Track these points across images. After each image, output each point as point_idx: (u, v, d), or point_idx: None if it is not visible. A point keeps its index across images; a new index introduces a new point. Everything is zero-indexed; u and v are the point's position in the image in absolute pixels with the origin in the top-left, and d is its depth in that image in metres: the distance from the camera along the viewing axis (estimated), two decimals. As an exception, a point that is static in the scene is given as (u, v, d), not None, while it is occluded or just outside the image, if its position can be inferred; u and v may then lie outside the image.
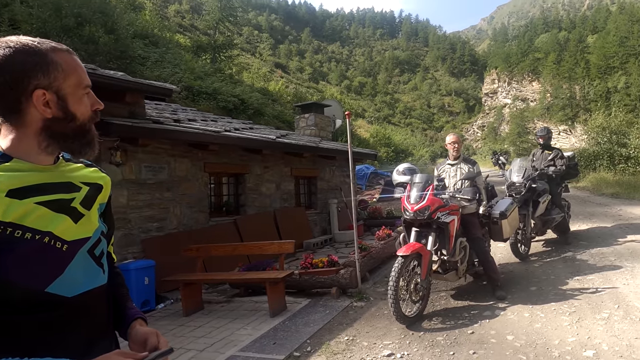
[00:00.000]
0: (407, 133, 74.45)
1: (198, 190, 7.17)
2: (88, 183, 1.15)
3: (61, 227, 1.03)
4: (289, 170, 9.57)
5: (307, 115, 12.63)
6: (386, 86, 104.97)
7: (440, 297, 5.28)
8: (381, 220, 11.06)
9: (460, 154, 5.59)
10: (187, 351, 4.03)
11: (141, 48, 19.66)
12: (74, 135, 1.06)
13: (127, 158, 5.96)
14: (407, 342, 4.01)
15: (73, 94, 1.06)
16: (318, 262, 5.71)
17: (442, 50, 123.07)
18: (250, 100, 21.51)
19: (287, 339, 4.21)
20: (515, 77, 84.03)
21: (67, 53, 1.08)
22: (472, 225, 5.19)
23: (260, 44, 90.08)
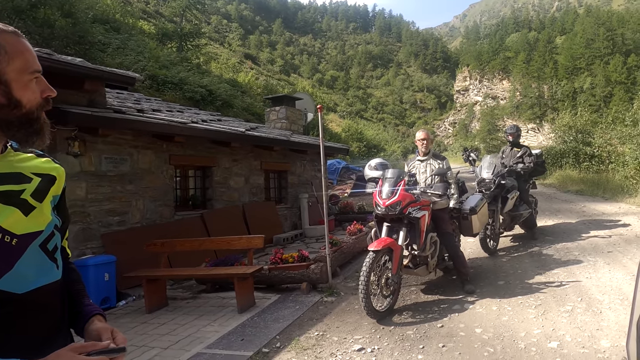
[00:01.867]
0: (379, 128, 75.17)
1: (163, 183, 7.02)
2: (40, 174, 1.10)
3: (10, 220, 0.98)
4: (258, 164, 9.50)
5: (278, 108, 12.57)
6: (359, 81, 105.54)
7: (410, 291, 5.39)
8: (352, 215, 11.16)
9: (430, 150, 5.71)
10: (150, 349, 3.96)
11: (101, 34, 19.01)
12: (19, 124, 1.01)
13: (86, 149, 5.77)
14: (377, 337, 4.08)
15: (17, 79, 1.00)
16: (288, 257, 5.72)
17: (415, 46, 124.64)
18: (219, 91, 21.19)
19: (255, 335, 4.19)
20: (487, 75, 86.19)
21: (14, 35, 1.02)
22: (442, 220, 5.31)
23: (230, 34, 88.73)
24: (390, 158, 36.84)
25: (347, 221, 9.99)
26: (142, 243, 5.67)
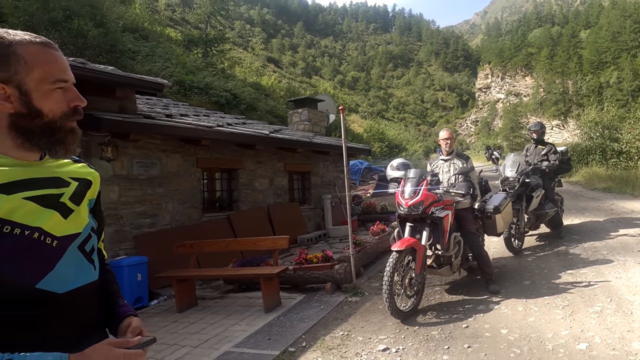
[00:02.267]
0: (400, 128, 74.60)
1: (190, 185, 7.13)
2: (77, 178, 1.13)
3: (50, 222, 1.01)
4: (282, 166, 9.55)
5: (300, 110, 12.61)
6: (379, 81, 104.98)
7: (434, 291, 5.32)
8: (375, 215, 11.10)
9: (453, 150, 5.62)
10: (181, 347, 4.03)
11: (131, 42, 19.48)
12: (41, 133, 1.02)
13: (118, 154, 5.92)
14: (402, 337, 4.04)
15: (37, 89, 1.00)
16: (312, 258, 5.72)
17: (435, 45, 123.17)
18: (243, 95, 21.42)
19: (282, 335, 4.21)
20: (509, 72, 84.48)
21: (38, 45, 1.02)
22: (466, 220, 5.22)
23: (253, 38, 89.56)
24: (412, 158, 36.54)
25: (370, 221, 9.94)
26: (171, 244, 5.78)
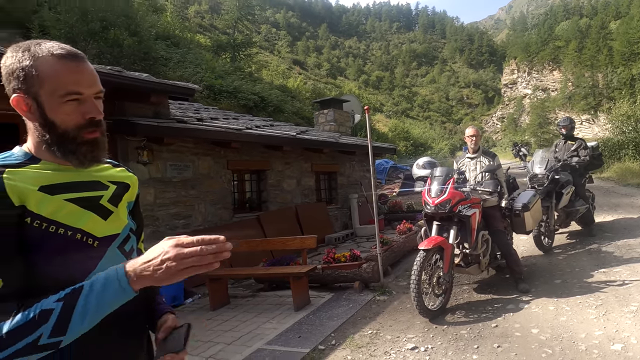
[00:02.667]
0: (425, 126, 73.62)
1: (221, 187, 7.25)
2: (115, 182, 1.17)
3: (91, 223, 1.05)
4: (309, 166, 9.58)
5: (326, 111, 12.61)
6: (404, 80, 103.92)
7: (462, 290, 5.23)
8: (401, 214, 10.99)
9: (480, 147, 5.51)
10: (215, 344, 4.10)
11: (163, 49, 19.92)
12: (56, 143, 1.04)
13: (153, 157, 6.06)
14: (430, 336, 4.00)
15: (48, 101, 1.02)
16: (340, 257, 5.72)
17: (459, 41, 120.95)
18: (270, 97, 21.59)
19: (311, 333, 4.23)
20: (536, 66, 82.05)
21: (56, 58, 1.03)
22: (493, 218, 5.11)
23: (278, 42, 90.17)
24: (437, 156, 35.98)
25: (396, 220, 9.85)
26: (204, 244, 5.86)
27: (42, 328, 0.86)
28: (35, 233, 0.96)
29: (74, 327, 0.88)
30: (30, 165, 1.03)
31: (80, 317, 0.88)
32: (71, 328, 0.88)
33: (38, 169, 1.03)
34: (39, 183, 1.00)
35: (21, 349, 0.85)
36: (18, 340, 0.85)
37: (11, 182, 0.95)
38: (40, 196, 0.98)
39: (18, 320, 0.86)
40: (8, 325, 0.86)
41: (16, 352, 0.85)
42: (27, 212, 0.96)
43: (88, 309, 0.89)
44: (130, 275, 0.92)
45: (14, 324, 0.86)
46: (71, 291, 0.90)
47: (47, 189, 1.00)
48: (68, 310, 0.88)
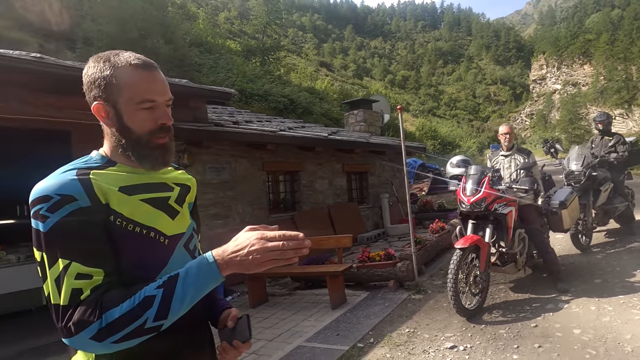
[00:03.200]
0: (453, 125, 72.23)
1: (257, 188, 7.34)
2: (179, 184, 1.21)
3: (162, 222, 1.09)
4: (340, 167, 9.58)
5: (355, 111, 12.57)
6: (430, 78, 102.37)
7: (499, 289, 5.12)
8: (432, 213, 10.84)
9: (514, 145, 5.37)
10: (257, 341, 4.15)
11: (197, 55, 20.33)
12: (131, 147, 1.09)
13: (193, 160, 6.19)
14: (468, 335, 3.93)
15: (125, 108, 1.06)
16: (375, 256, 5.69)
17: (486, 38, 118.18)
18: (299, 99, 21.70)
19: (349, 331, 4.23)
20: (565, 61, 79.23)
21: (132, 68, 1.07)
22: (530, 216, 4.97)
23: (305, 44, 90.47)
24: (465, 154, 35.24)
25: (427, 219, 9.72)
26: (242, 244, 5.94)
27: (147, 313, 0.92)
28: (117, 230, 1.00)
29: (173, 310, 0.94)
30: (109, 168, 1.08)
31: (179, 302, 0.94)
32: (172, 311, 0.94)
33: (115, 171, 1.08)
34: (118, 184, 1.04)
35: (130, 332, 0.92)
36: (128, 325, 0.91)
37: (97, 182, 1.01)
38: (121, 196, 1.03)
39: (126, 306, 0.92)
40: (119, 312, 0.92)
41: (126, 335, 0.92)
42: (111, 210, 1.01)
43: (186, 294, 0.95)
44: (220, 262, 0.97)
45: (123, 310, 0.92)
46: (168, 278, 0.96)
47: (125, 190, 1.05)
48: (168, 295, 0.94)
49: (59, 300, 0.93)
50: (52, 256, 0.95)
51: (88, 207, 0.97)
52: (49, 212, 0.95)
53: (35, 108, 4.53)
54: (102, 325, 0.91)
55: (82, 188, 0.98)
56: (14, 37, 13.38)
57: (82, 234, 0.96)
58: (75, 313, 0.92)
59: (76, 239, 0.95)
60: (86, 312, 0.91)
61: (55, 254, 0.94)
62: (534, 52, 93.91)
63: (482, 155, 41.38)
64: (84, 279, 0.94)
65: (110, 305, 0.92)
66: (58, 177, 0.99)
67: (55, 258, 0.94)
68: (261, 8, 35.40)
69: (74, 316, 0.91)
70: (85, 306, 0.92)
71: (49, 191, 0.96)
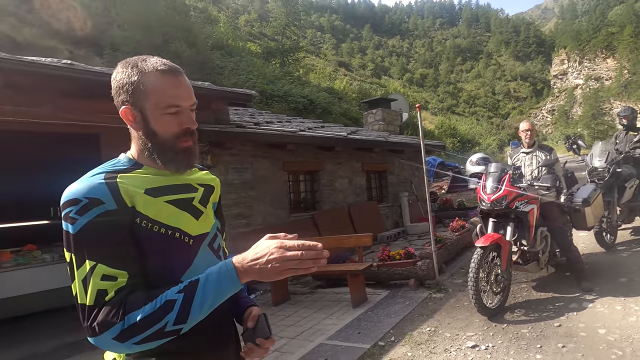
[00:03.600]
0: (472, 122, 70.95)
1: (278, 188, 7.37)
2: (202, 184, 1.23)
3: (186, 223, 1.11)
4: (360, 166, 9.54)
5: (374, 110, 12.50)
6: (448, 76, 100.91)
7: (521, 288, 5.02)
8: (452, 211, 10.70)
9: (535, 141, 5.24)
10: (280, 338, 4.18)
11: (218, 58, 20.55)
12: (157, 151, 1.10)
13: (216, 161, 6.27)
14: (490, 334, 3.86)
15: (151, 113, 1.08)
16: (395, 255, 5.65)
17: (505, 34, 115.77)
18: (318, 99, 21.70)
19: (370, 329, 4.22)
20: (587, 55, 76.91)
21: (159, 74, 1.08)
22: (552, 213, 4.85)
23: (324, 45, 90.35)
24: (485, 152, 34.62)
25: (447, 218, 9.60)
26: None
27: (167, 316, 0.93)
28: (143, 232, 1.02)
29: (193, 315, 0.95)
30: (136, 171, 1.10)
31: (199, 306, 0.95)
32: (191, 316, 0.95)
33: (142, 174, 1.10)
34: (144, 186, 1.06)
35: (151, 334, 0.93)
36: (149, 327, 0.93)
37: (124, 186, 1.03)
38: (146, 198, 1.05)
39: (147, 309, 0.94)
40: (140, 314, 0.93)
41: (146, 337, 0.93)
42: (136, 212, 1.02)
43: (205, 299, 0.96)
44: (239, 269, 0.97)
45: (145, 313, 0.93)
46: (189, 283, 0.97)
47: (151, 192, 1.07)
48: (189, 300, 0.95)
49: (85, 300, 0.95)
50: (79, 257, 0.97)
51: (114, 210, 0.99)
52: (78, 214, 0.97)
53: (67, 112, 4.66)
54: (124, 326, 0.92)
55: (109, 191, 1.00)
56: (46, 45, 13.80)
57: (108, 236, 0.98)
58: (100, 313, 0.94)
59: (102, 240, 0.97)
60: (110, 313, 0.93)
61: (83, 255, 0.97)
62: (554, 47, 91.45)
63: (502, 152, 40.50)
64: (109, 280, 0.96)
65: (133, 308, 0.94)
66: (87, 181, 1.02)
67: (83, 259, 0.97)
68: (280, 10, 35.52)
69: (98, 316, 0.93)
70: (109, 307, 0.94)
71: (78, 194, 0.99)
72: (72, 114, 4.68)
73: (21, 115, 4.38)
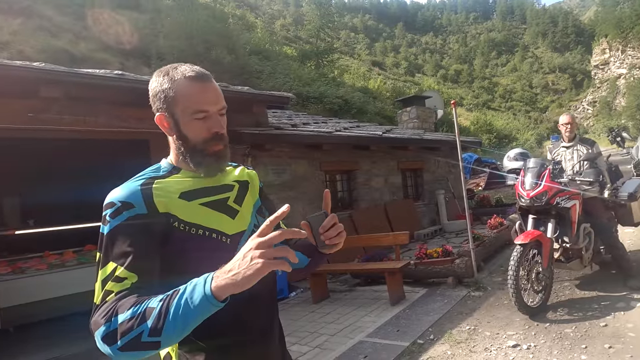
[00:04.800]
0: (508, 117, 68.20)
1: (316, 188, 7.39)
2: (238, 181, 1.24)
3: (223, 223, 1.12)
4: (395, 164, 9.41)
5: (408, 108, 12.30)
6: (483, 71, 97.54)
7: (564, 287, 4.79)
8: (490, 208, 10.37)
9: (576, 135, 4.98)
10: (320, 335, 4.20)
11: (256, 63, 20.82)
12: (189, 155, 1.12)
13: (256, 163, 6.37)
14: (532, 333, 3.72)
15: (182, 118, 1.10)
16: (432, 252, 5.54)
17: (541, 25, 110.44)
18: (353, 99, 21.57)
19: (409, 327, 4.16)
20: (631, 43, 72.02)
21: (188, 80, 1.09)
22: (596, 209, 4.59)
23: (357, 45, 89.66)
24: (523, 147, 33.26)
25: (485, 215, 9.31)
26: (304, 241, 6.04)
27: (143, 325, 0.84)
28: (180, 235, 1.04)
29: (167, 329, 0.83)
30: (174, 175, 1.13)
31: (172, 321, 0.83)
32: (165, 330, 0.83)
33: (179, 178, 1.12)
34: (180, 190, 1.09)
35: (128, 342, 0.84)
36: (126, 333, 0.84)
37: (158, 192, 1.05)
38: (182, 203, 1.07)
39: (129, 314, 0.85)
40: (121, 318, 0.86)
41: (125, 344, 0.84)
42: (173, 217, 1.04)
43: (178, 312, 0.83)
44: (215, 276, 0.86)
45: (125, 316, 0.85)
46: (172, 292, 0.87)
47: (186, 195, 1.09)
48: (164, 311, 0.84)
49: (96, 300, 0.94)
50: (105, 257, 0.98)
51: (144, 214, 1.01)
52: (111, 217, 1.00)
53: (120, 121, 4.87)
54: (109, 328, 0.86)
55: (141, 196, 1.02)
56: (99, 57, 14.51)
57: (131, 238, 0.98)
58: (96, 313, 0.91)
59: (126, 243, 0.97)
60: (102, 312, 0.89)
61: (108, 256, 0.97)
62: (595, 36, 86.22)
63: (541, 147, 38.75)
64: (118, 282, 0.93)
65: (121, 310, 0.87)
66: (125, 186, 1.05)
67: (107, 260, 0.97)
68: (314, 13, 35.53)
69: (94, 315, 0.91)
70: (104, 307, 0.90)
71: (115, 198, 1.02)
72: (124, 122, 4.89)
73: (80, 124, 4.63)
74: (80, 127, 4.62)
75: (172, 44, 15.42)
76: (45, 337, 4.86)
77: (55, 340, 4.71)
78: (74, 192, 6.14)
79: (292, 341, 4.06)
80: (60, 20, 16.50)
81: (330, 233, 1.11)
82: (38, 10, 16.26)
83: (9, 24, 14.09)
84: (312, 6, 35.69)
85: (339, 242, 1.14)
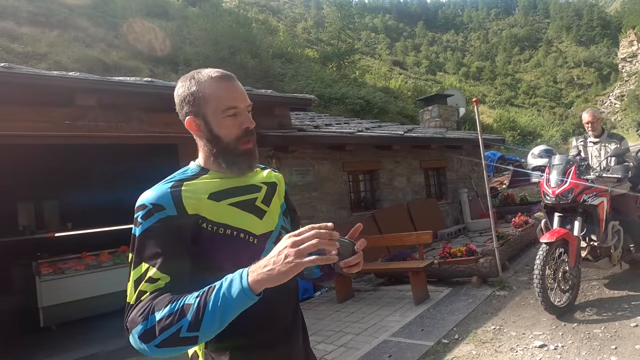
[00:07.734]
0: (532, 114, 66.12)
1: (339, 188, 7.38)
2: (265, 182, 1.25)
3: (250, 223, 1.13)
4: (418, 163, 9.30)
5: (430, 107, 12.11)
6: (506, 67, 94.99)
7: (591, 286, 4.64)
8: (514, 207, 10.11)
9: (604, 130, 4.80)
10: (345, 334, 4.20)
11: (279, 66, 20.98)
12: (222, 155, 1.12)
13: (280, 164, 6.42)
14: (559, 334, 3.61)
15: (213, 118, 1.10)
16: (456, 252, 5.45)
17: (565, 19, 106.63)
18: (374, 100, 21.45)
19: (433, 326, 4.11)
20: (661, 34, 68.84)
21: (213, 80, 1.11)
22: (625, 206, 4.43)
23: (378, 45, 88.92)
24: (548, 144, 32.23)
25: (509, 213, 9.09)
26: (327, 241, 6.04)
27: (182, 321, 0.87)
28: (209, 235, 1.05)
29: (206, 323, 0.87)
30: (202, 176, 1.14)
31: (211, 315, 0.87)
32: (204, 324, 0.87)
33: (207, 179, 1.13)
34: (209, 191, 1.10)
35: (167, 338, 0.87)
36: (165, 330, 0.87)
37: (187, 194, 1.06)
38: (210, 204, 1.08)
39: (166, 311, 0.88)
40: (159, 315, 0.88)
41: (163, 340, 0.87)
42: (201, 218, 1.06)
43: (217, 306, 0.87)
44: (250, 271, 0.90)
45: (163, 313, 0.88)
46: (208, 289, 0.90)
47: (215, 196, 1.10)
48: (202, 306, 0.87)
49: (130, 300, 0.96)
50: (137, 258, 1.00)
51: (174, 216, 1.02)
52: (143, 219, 1.02)
53: (150, 126, 5.00)
54: (147, 326, 0.88)
55: (171, 198, 1.04)
56: (130, 65, 14.94)
57: (163, 240, 0.99)
58: (132, 312, 0.93)
59: (158, 244, 0.99)
60: (139, 311, 0.91)
61: (141, 257, 0.99)
62: (621, 28, 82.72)
63: (566, 144, 37.43)
64: (152, 282, 0.95)
65: (157, 308, 0.90)
66: (156, 189, 1.07)
67: (140, 260, 0.99)
68: (335, 15, 35.50)
69: (130, 314, 0.93)
70: (140, 306, 0.92)
71: (146, 201, 1.04)
72: (153, 127, 5.02)
73: (113, 130, 4.78)
74: (114, 132, 4.77)
75: (198, 50, 15.74)
76: (82, 335, 5.04)
77: (92, 337, 4.88)
78: (108, 196, 6.34)
79: (318, 340, 4.08)
80: (94, 30, 17.08)
81: (351, 261, 1.07)
82: (73, 22, 16.89)
83: (47, 36, 14.69)
84: (333, 8, 35.67)
85: (357, 270, 1.11)
